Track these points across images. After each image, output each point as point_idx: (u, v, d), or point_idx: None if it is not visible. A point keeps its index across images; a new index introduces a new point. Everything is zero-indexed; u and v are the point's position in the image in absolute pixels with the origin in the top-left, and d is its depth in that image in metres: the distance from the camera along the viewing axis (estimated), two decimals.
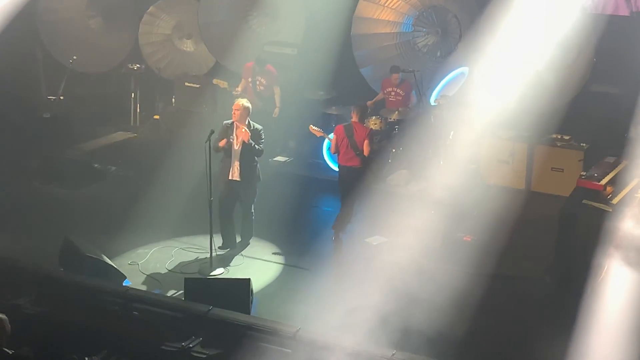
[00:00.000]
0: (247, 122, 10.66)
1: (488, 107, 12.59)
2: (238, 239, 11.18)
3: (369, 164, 11.60)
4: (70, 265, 9.91)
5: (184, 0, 16.31)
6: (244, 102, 10.72)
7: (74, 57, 15.41)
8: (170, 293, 9.83)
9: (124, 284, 9.79)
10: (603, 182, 10.29)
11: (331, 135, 11.71)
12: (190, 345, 8.48)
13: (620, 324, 8.57)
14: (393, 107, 13.94)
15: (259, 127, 10.80)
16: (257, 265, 10.74)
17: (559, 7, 12.57)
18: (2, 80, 15.00)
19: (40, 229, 11.41)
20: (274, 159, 14.24)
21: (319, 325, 8.74)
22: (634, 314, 8.64)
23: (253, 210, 11.12)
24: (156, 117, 16.04)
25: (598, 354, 8.32)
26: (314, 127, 11.93)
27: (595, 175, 10.48)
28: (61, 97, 15.33)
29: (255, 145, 10.66)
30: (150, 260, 10.77)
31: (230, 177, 10.73)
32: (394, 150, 13.34)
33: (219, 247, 10.82)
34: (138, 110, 16.31)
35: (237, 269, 10.58)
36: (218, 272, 10.45)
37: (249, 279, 9.51)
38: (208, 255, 10.52)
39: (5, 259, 9.99)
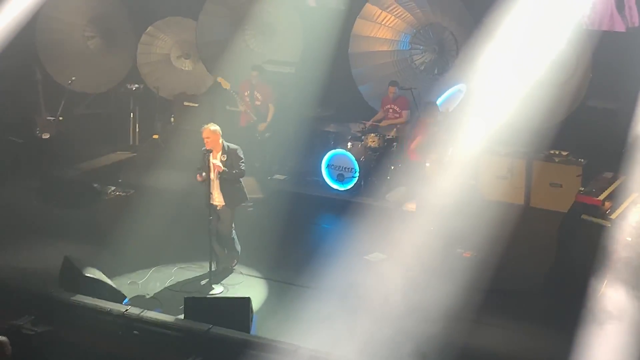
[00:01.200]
0: (221, 144, 10.45)
1: (486, 123, 12.61)
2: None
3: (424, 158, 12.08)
4: (70, 285, 9.90)
5: (182, 20, 16.39)
6: (211, 126, 10.39)
7: (73, 78, 15.48)
8: (170, 312, 9.81)
9: (123, 304, 9.78)
10: (601, 197, 10.31)
11: None
12: None
13: (619, 339, 8.56)
14: (397, 122, 14.00)
15: (234, 147, 10.53)
16: (257, 283, 10.73)
17: (556, 24, 12.62)
18: (1, 101, 15.04)
19: (40, 249, 11.40)
20: (272, 177, 14.25)
21: (320, 342, 8.73)
22: (633, 330, 8.63)
23: (234, 236, 10.92)
24: (155, 136, 16.06)
25: None
26: None
27: (594, 190, 10.50)
28: (60, 118, 15.38)
29: (234, 171, 10.44)
30: (150, 280, 10.75)
31: (211, 202, 10.48)
32: (392, 167, 13.36)
33: (214, 270, 10.71)
34: (137, 129, 16.35)
35: (236, 288, 10.58)
36: (217, 290, 10.44)
37: (249, 297, 9.51)
38: (208, 274, 10.53)
39: (5, 280, 9.99)
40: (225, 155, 10.44)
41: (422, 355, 8.45)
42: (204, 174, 10.29)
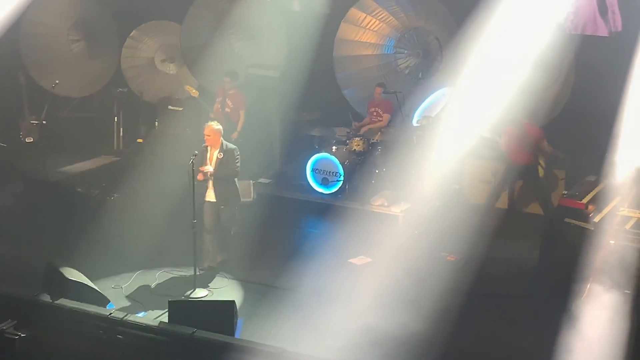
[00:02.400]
0: (220, 143, 10.69)
1: (469, 127, 12.66)
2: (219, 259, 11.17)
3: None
4: (54, 289, 9.85)
5: (167, 24, 16.37)
6: (214, 125, 10.71)
7: (57, 82, 15.42)
8: (154, 316, 9.79)
9: (107, 308, 9.75)
10: (585, 200, 10.38)
11: None
12: None
13: (602, 343, 8.60)
14: (376, 127, 14.02)
15: (232, 146, 10.81)
16: (241, 287, 10.72)
17: (539, 28, 12.68)
18: None
19: (23, 253, 11.34)
20: (257, 180, 14.24)
21: (304, 346, 8.73)
22: (616, 333, 8.67)
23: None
24: (139, 140, 16.04)
25: None
26: None
27: (577, 194, 10.56)
28: (44, 122, 15.33)
29: (226, 171, 10.67)
30: (134, 284, 10.74)
31: (206, 198, 10.82)
32: (377, 171, 13.38)
33: (201, 270, 10.82)
34: (121, 133, 16.32)
35: (221, 291, 10.57)
36: (202, 294, 10.43)
37: (234, 300, 9.49)
38: (192, 277, 10.51)
39: None
40: (222, 154, 10.65)
41: None
42: (206, 172, 10.55)
